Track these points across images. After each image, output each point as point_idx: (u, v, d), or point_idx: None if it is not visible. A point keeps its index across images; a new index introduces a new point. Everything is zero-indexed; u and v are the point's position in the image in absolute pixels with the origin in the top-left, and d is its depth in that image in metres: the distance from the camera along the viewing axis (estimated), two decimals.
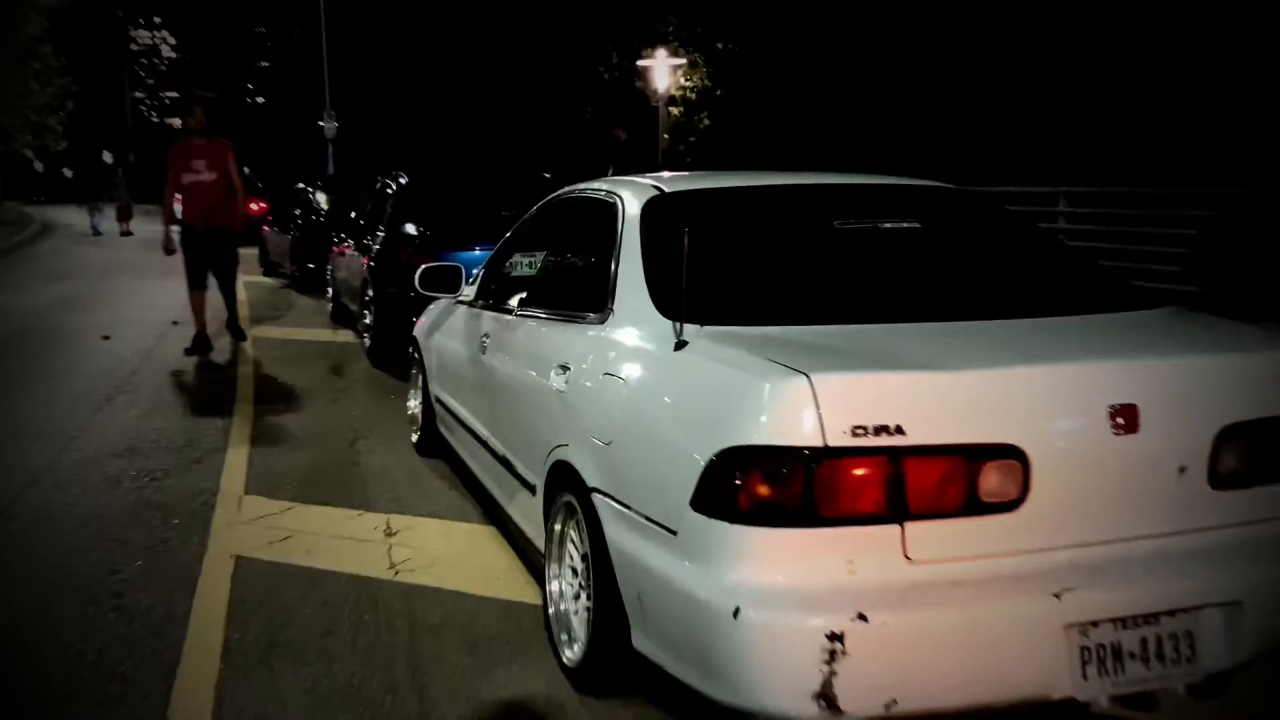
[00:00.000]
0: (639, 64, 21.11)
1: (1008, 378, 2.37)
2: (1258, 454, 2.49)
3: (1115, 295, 3.16)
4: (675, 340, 2.65)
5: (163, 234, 9.10)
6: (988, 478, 2.27)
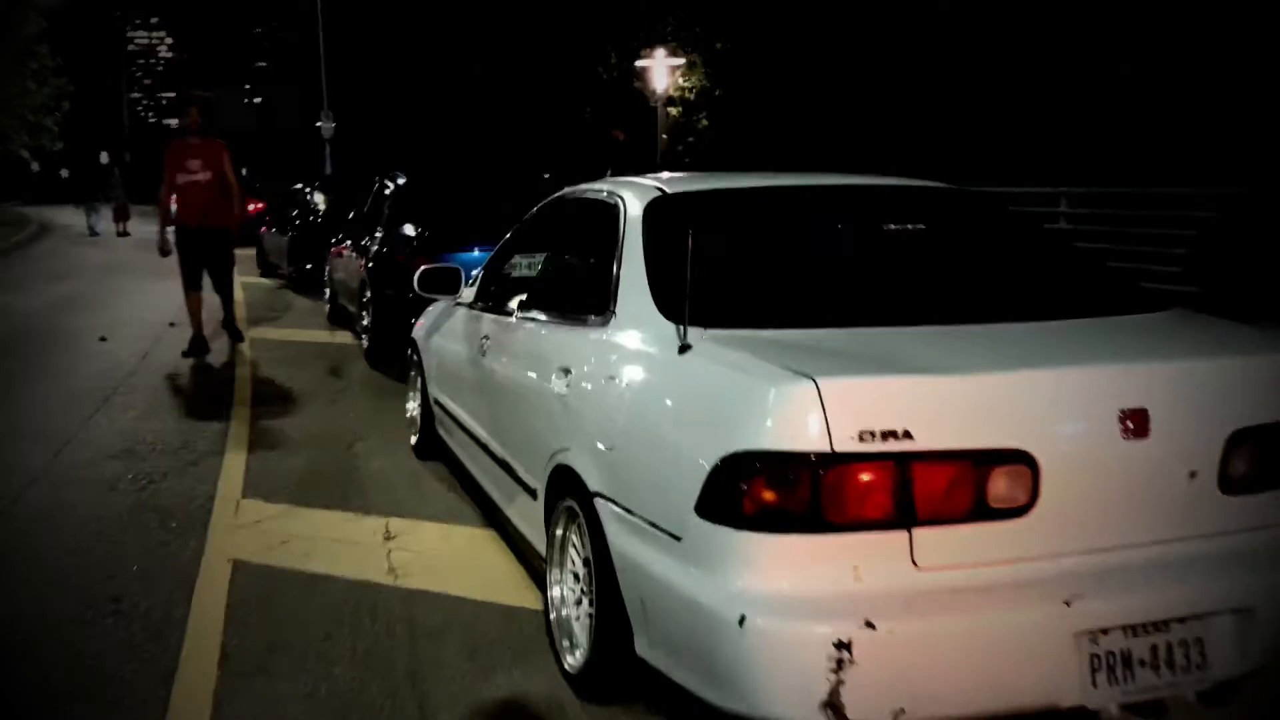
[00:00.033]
0: (637, 64, 21.08)
1: (1016, 381, 2.34)
2: (1269, 459, 2.46)
3: (1121, 297, 3.13)
4: (679, 343, 2.62)
5: (158, 235, 9.08)
6: (996, 483, 2.24)
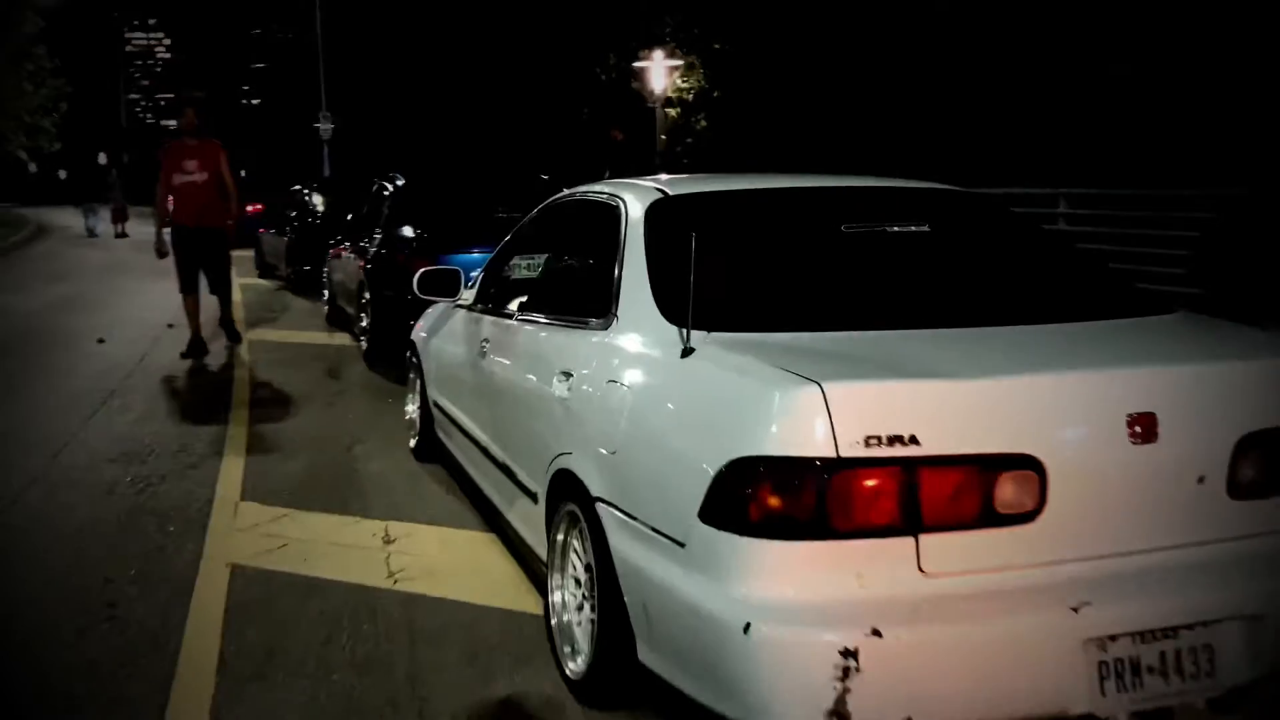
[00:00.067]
0: (635, 65, 21.03)
1: (1024, 386, 2.32)
2: (1277, 463, 2.44)
3: (1125, 300, 3.11)
4: (682, 347, 2.59)
5: (155, 236, 9.05)
6: (1003, 488, 2.22)
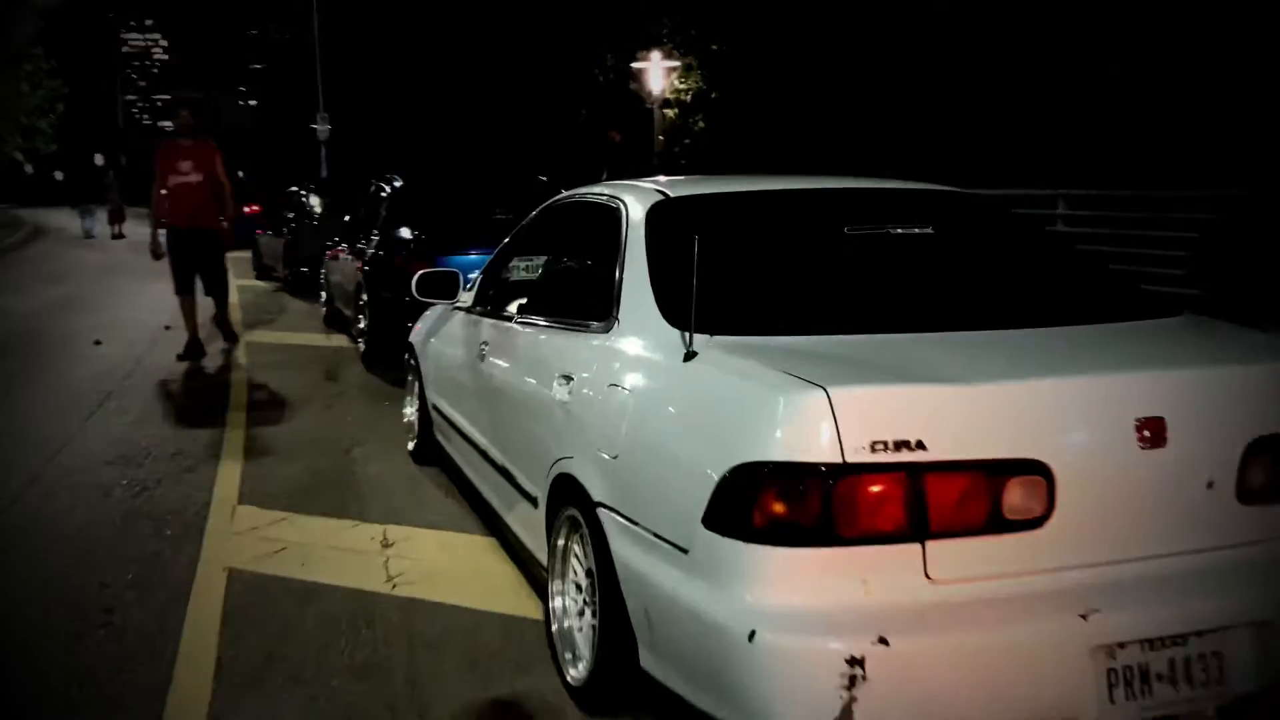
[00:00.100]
0: (633, 66, 21.01)
1: (1031, 390, 2.29)
2: None
3: (1130, 302, 3.08)
4: (684, 350, 2.56)
5: (150, 237, 9.02)
6: (1011, 494, 2.19)
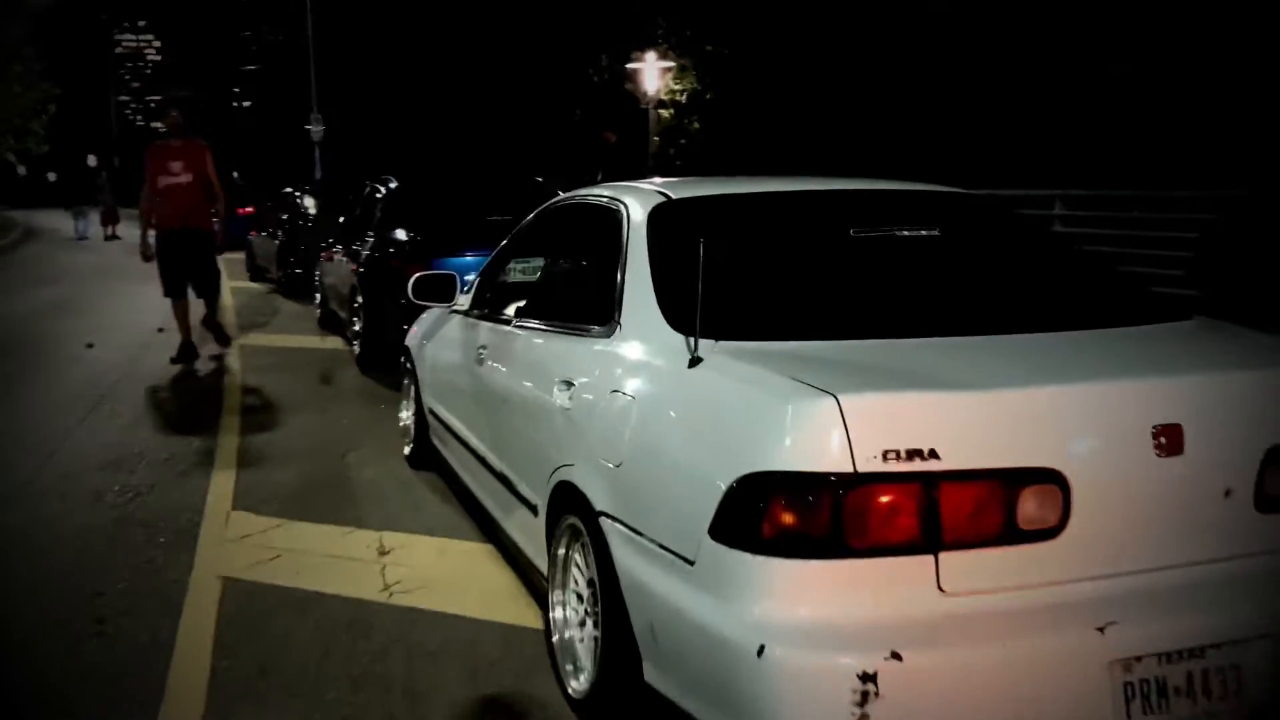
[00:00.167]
0: (628, 67, 20.96)
1: (1046, 397, 2.23)
2: None
3: (1141, 306, 3.02)
4: (689, 356, 2.50)
5: (140, 239, 8.93)
6: (1026, 504, 2.13)
